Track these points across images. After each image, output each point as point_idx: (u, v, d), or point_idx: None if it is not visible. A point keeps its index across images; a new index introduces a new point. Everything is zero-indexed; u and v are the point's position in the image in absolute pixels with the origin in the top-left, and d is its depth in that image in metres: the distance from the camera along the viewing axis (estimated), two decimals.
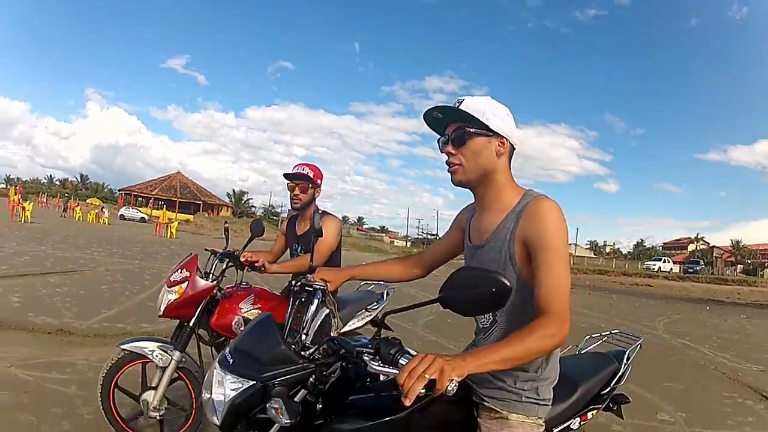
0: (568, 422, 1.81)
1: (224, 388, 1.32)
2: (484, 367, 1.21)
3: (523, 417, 1.53)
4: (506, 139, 1.51)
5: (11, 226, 18.92)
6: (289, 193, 3.07)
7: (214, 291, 2.77)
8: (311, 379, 1.34)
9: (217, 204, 65.99)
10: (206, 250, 2.98)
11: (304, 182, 3.03)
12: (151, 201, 58.34)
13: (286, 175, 3.06)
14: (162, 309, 2.70)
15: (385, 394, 1.36)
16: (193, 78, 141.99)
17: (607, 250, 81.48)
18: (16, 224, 20.31)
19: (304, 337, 1.50)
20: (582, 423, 1.89)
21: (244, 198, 73.36)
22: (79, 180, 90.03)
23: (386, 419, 1.30)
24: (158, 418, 2.65)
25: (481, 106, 1.48)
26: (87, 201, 51.39)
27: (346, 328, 2.97)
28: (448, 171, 1.54)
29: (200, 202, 62.15)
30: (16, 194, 29.01)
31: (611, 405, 2.09)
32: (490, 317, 1.57)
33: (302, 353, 1.39)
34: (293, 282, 1.63)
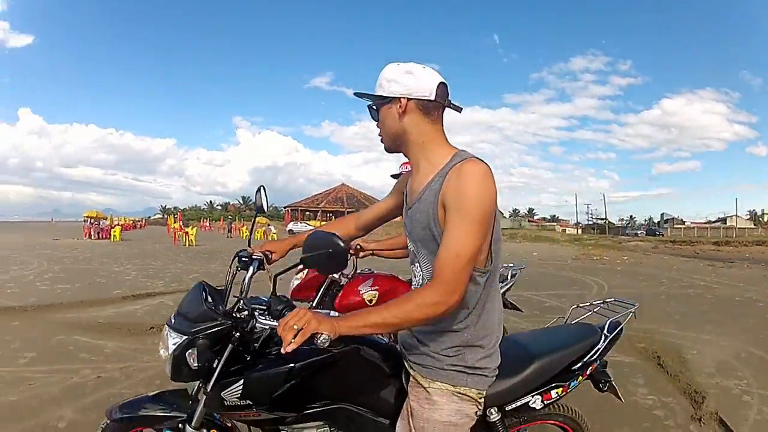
0: (525, 399, 1.71)
1: (168, 343, 1.55)
2: (357, 330, 1.31)
3: (447, 386, 1.47)
4: (405, 98, 1.45)
5: (176, 250, 19.59)
6: None
7: (338, 276, 3.13)
8: (235, 334, 1.54)
9: None
10: None
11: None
12: (318, 214, 60.58)
13: (393, 176, 3.30)
14: (289, 293, 3.21)
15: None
16: (341, 93, 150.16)
17: (766, 219, 74.81)
18: (181, 248, 20.83)
19: (233, 299, 1.68)
20: (546, 401, 1.75)
21: None
22: (242, 202, 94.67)
23: (283, 367, 1.52)
24: None
25: (379, 78, 1.49)
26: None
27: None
28: None
29: None
30: (176, 222, 30.07)
31: (600, 384, 1.92)
32: (421, 281, 1.53)
33: (224, 313, 1.58)
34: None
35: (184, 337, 1.53)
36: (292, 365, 1.52)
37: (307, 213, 63.97)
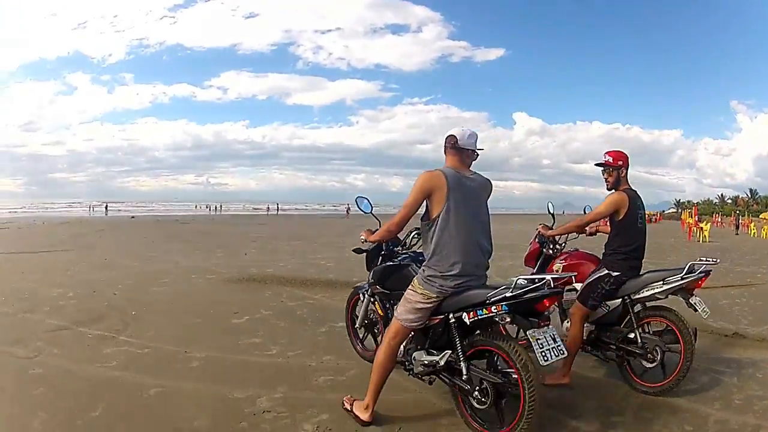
0: (459, 313, 2.98)
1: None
2: (378, 236, 3.49)
3: (416, 285, 3.11)
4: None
5: (690, 245, 20.23)
6: None
7: (548, 251, 4.56)
8: (383, 252, 3.92)
9: None
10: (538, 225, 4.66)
11: (604, 168, 3.93)
12: None
13: (596, 164, 4.00)
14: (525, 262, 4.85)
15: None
16: None
17: None
18: (695, 244, 21.35)
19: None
20: (472, 318, 2.91)
21: None
22: (749, 195, 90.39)
23: (380, 265, 3.87)
24: None
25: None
26: (760, 216, 45.76)
27: (643, 294, 3.83)
28: None
29: None
30: (691, 216, 29.35)
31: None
32: None
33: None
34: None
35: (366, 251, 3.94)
36: (388, 264, 3.81)
37: None
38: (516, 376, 2.74)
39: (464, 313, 2.88)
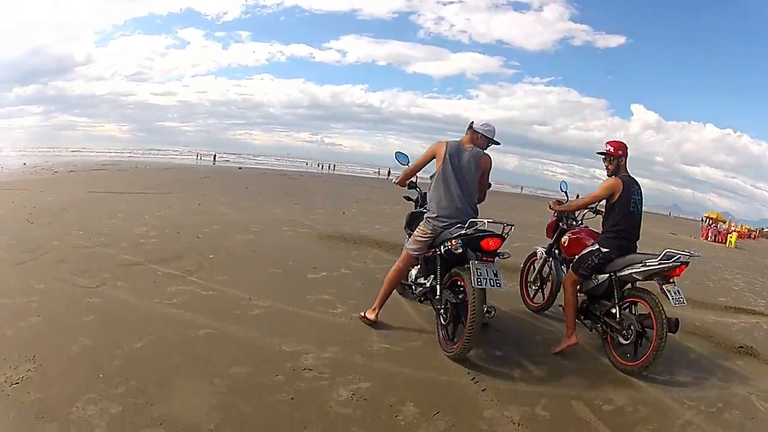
0: (440, 246, 4.39)
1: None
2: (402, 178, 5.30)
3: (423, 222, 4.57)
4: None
5: None
6: None
7: (563, 225, 5.50)
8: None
9: None
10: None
11: (605, 157, 4.71)
12: None
13: (598, 153, 4.79)
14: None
15: None
16: None
17: None
18: None
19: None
20: (445, 248, 4.31)
21: None
22: None
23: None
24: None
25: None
26: None
27: (624, 273, 4.53)
28: None
29: None
30: None
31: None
32: None
33: None
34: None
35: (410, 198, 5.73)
36: (413, 211, 5.48)
37: None
38: (467, 298, 3.98)
39: (441, 246, 4.33)
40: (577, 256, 4.86)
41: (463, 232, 4.13)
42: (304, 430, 2.92)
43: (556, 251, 5.53)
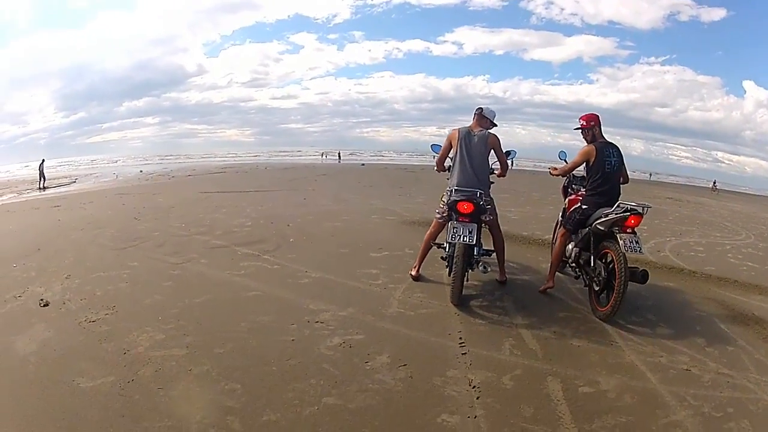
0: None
1: None
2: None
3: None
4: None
5: None
6: None
7: (570, 189, 6.23)
8: None
9: None
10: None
11: (581, 131, 5.52)
12: None
13: (575, 129, 5.59)
14: None
15: None
16: None
17: None
18: None
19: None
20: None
21: None
22: None
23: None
24: None
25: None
26: None
27: (594, 225, 5.23)
28: None
29: None
30: None
31: None
32: None
33: None
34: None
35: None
36: None
37: None
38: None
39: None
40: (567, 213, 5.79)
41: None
42: (288, 360, 3.79)
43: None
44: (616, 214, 4.99)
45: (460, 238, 4.96)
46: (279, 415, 3.12)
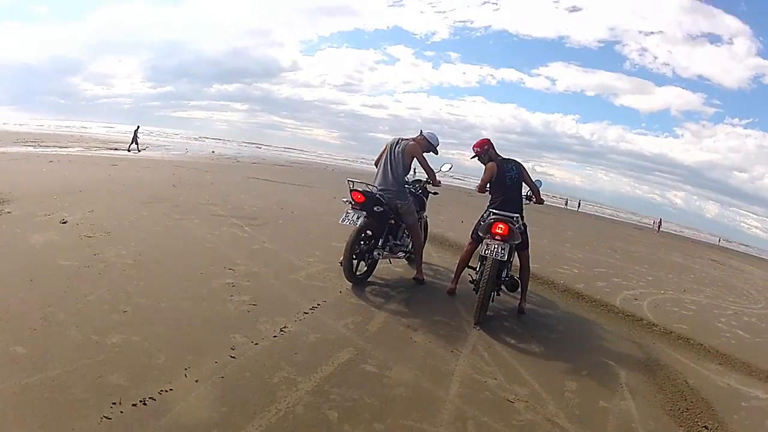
0: None
1: None
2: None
3: None
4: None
5: None
6: None
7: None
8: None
9: None
10: None
11: (478, 157, 6.44)
12: None
13: (471, 158, 6.53)
14: None
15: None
16: None
17: None
18: None
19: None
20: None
21: None
22: None
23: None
24: None
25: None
26: None
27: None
28: None
29: None
30: None
31: None
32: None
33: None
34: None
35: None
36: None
37: None
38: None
39: None
40: None
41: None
42: (187, 281, 5.50)
43: None
44: (484, 221, 5.83)
45: (346, 222, 6.01)
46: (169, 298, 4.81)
